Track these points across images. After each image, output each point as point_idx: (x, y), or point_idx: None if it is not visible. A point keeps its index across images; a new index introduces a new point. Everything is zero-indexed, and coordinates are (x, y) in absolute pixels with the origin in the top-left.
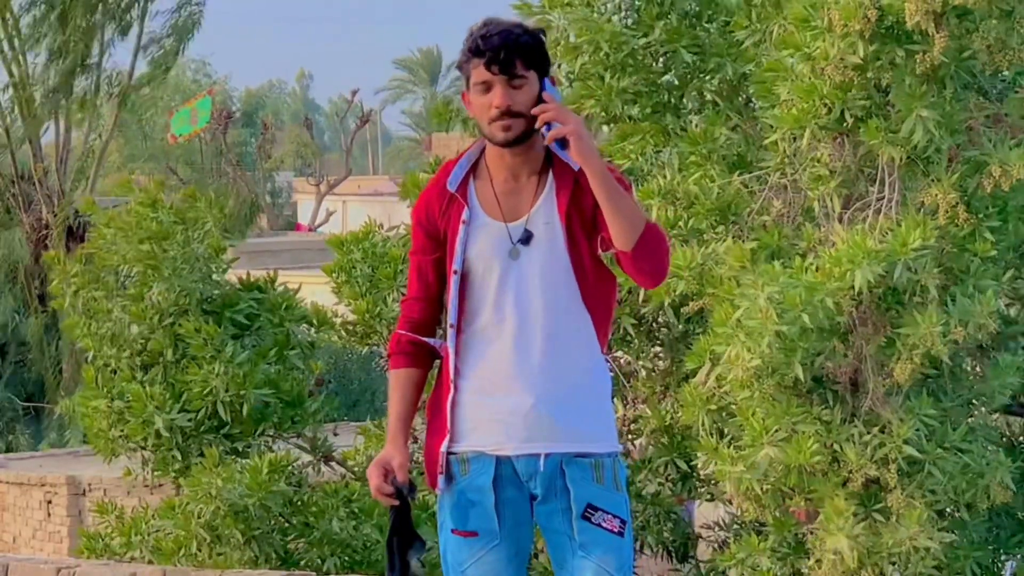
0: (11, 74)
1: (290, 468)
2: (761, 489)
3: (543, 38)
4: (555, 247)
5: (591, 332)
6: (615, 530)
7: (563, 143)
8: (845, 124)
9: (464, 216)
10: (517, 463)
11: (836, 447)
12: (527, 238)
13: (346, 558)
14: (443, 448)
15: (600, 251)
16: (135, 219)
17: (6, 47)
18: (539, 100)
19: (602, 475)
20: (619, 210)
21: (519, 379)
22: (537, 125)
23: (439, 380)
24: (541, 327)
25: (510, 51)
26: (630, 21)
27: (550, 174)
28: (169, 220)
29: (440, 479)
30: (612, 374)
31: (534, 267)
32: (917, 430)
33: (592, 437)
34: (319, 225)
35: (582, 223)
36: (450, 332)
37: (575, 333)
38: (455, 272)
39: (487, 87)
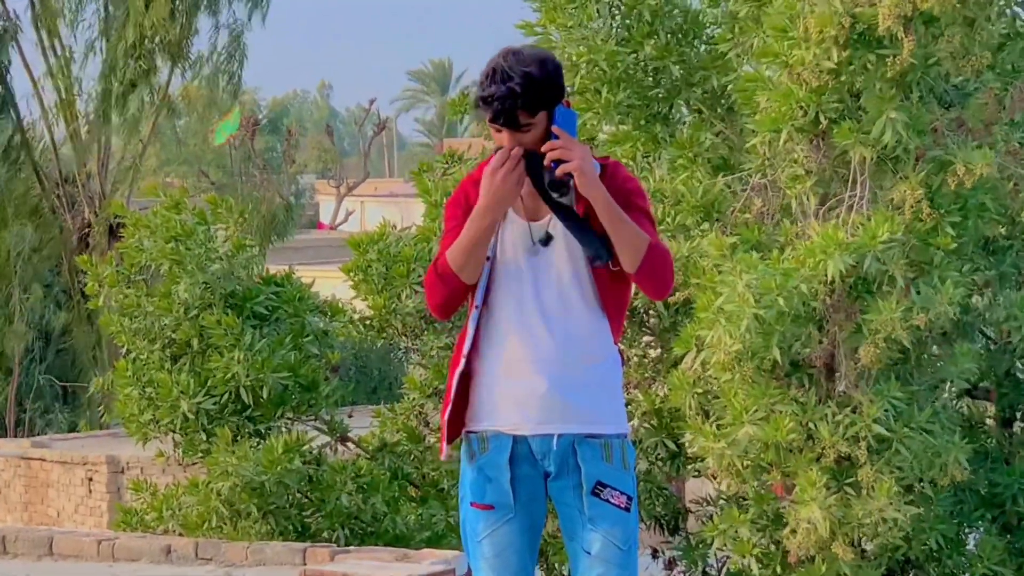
0: (58, 89)
1: (307, 448)
2: (741, 464)
3: (552, 72)
4: (572, 247)
5: (604, 324)
6: (622, 505)
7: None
8: (820, 126)
9: None
10: (532, 442)
11: (811, 426)
12: (547, 239)
13: (357, 529)
14: (466, 426)
15: (612, 267)
16: (161, 220)
17: (52, 63)
18: (548, 132)
19: (611, 455)
20: (622, 239)
21: (535, 364)
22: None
23: (453, 356)
24: (557, 318)
25: (511, 109)
26: (620, 39)
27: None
28: (192, 221)
29: (463, 454)
30: None
31: (553, 264)
32: (886, 411)
33: (602, 419)
34: (339, 224)
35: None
36: (474, 312)
37: (589, 325)
38: (487, 257)
39: (498, 129)
